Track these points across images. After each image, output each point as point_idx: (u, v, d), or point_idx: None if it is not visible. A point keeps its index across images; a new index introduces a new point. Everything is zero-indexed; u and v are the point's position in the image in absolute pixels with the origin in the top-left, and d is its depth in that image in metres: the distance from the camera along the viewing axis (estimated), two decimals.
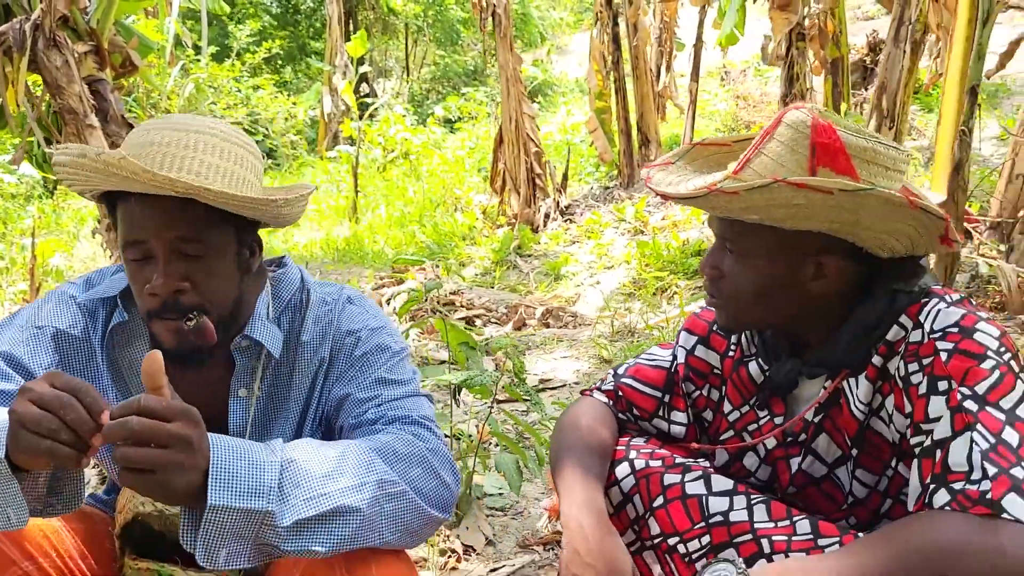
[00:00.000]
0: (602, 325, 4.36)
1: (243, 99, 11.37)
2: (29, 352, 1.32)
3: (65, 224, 7.95)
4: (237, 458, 1.04)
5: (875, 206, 1.08)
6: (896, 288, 1.16)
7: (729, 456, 1.34)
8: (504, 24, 7.31)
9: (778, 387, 1.26)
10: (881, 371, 1.16)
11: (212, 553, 1.03)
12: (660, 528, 1.24)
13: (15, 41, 3.64)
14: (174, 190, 1.17)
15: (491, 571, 1.99)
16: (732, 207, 1.13)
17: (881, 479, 1.21)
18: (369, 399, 1.32)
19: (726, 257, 1.20)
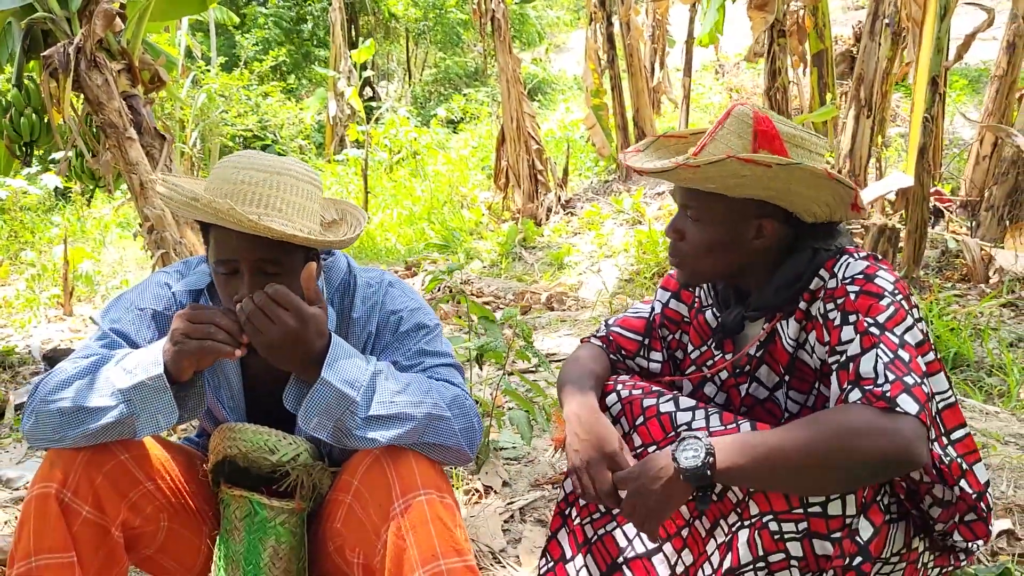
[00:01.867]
0: (602, 307, 4.73)
1: (253, 107, 11.74)
2: (135, 329, 1.65)
3: (90, 232, 8.33)
4: (346, 355, 1.48)
5: (802, 177, 1.42)
6: (817, 247, 1.51)
7: (693, 386, 1.70)
8: (503, 28, 7.66)
9: (728, 329, 1.61)
10: (806, 314, 1.50)
11: (307, 417, 1.47)
12: (641, 440, 1.57)
13: (60, 63, 4.00)
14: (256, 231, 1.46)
15: (508, 504, 2.35)
16: (695, 178, 1.47)
17: (809, 397, 1.55)
18: (414, 365, 1.66)
19: (687, 222, 1.55)
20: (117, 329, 1.65)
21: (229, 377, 1.71)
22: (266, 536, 1.64)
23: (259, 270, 1.53)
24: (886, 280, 1.43)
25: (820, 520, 1.32)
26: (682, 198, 1.55)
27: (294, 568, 1.66)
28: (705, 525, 1.47)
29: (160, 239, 4.13)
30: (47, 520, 1.47)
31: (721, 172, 1.42)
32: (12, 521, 2.53)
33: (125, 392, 1.44)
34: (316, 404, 1.44)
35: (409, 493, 1.49)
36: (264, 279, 1.53)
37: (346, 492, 1.60)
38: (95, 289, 7.09)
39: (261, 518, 1.63)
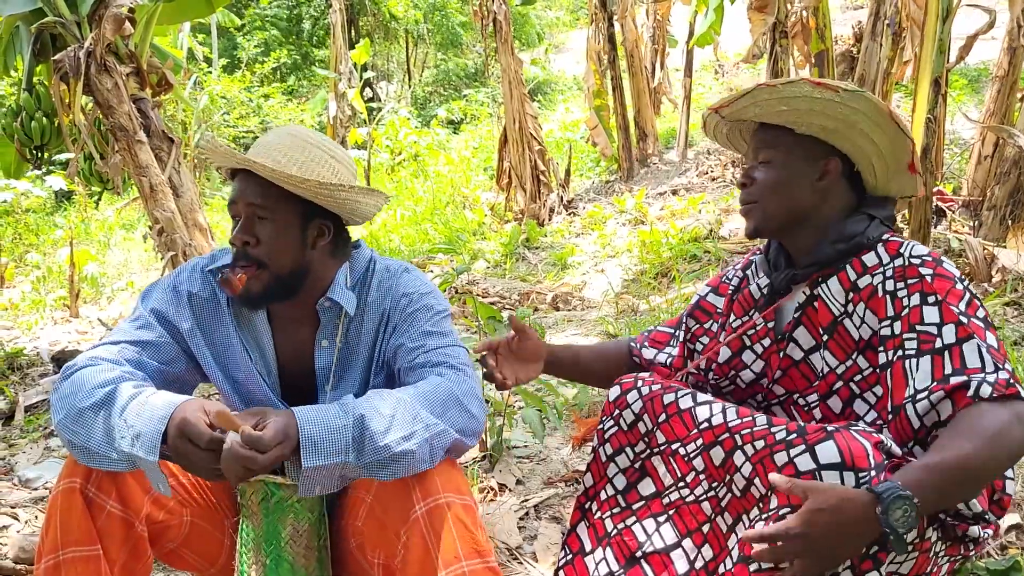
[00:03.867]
0: (608, 307, 4.76)
1: (254, 108, 11.77)
2: (174, 310, 1.73)
3: (94, 234, 8.36)
4: (321, 429, 1.43)
5: (866, 110, 1.52)
6: (871, 214, 1.60)
7: (731, 352, 1.76)
8: (505, 30, 7.69)
9: (777, 290, 1.68)
10: (853, 284, 1.57)
11: (309, 488, 1.46)
12: (665, 437, 1.61)
13: (71, 67, 4.04)
14: (235, 162, 1.63)
15: (522, 501, 2.38)
16: (771, 101, 1.58)
17: (841, 365, 1.60)
18: (418, 347, 1.70)
19: (756, 168, 1.65)
20: (156, 310, 1.72)
21: (265, 352, 1.77)
22: (284, 515, 1.66)
23: (251, 215, 1.64)
24: (951, 265, 1.52)
25: None
26: (754, 143, 1.67)
27: (315, 544, 1.68)
28: (727, 520, 1.49)
29: (170, 241, 4.17)
30: (73, 514, 1.51)
31: (794, 93, 1.54)
32: (33, 520, 2.57)
33: (126, 454, 1.45)
34: (312, 480, 1.44)
35: (430, 497, 1.51)
36: (254, 225, 1.64)
37: (367, 491, 1.63)
38: (100, 291, 7.12)
39: (277, 498, 1.66)
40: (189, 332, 1.73)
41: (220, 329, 1.76)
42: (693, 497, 1.54)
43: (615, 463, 1.68)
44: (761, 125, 1.67)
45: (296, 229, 1.68)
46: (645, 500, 1.62)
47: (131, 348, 1.66)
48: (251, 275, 1.64)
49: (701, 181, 8.19)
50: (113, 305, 6.74)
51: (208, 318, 1.75)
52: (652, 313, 4.38)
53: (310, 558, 1.67)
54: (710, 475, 1.52)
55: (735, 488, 1.45)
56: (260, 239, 1.64)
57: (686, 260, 5.59)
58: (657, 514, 1.60)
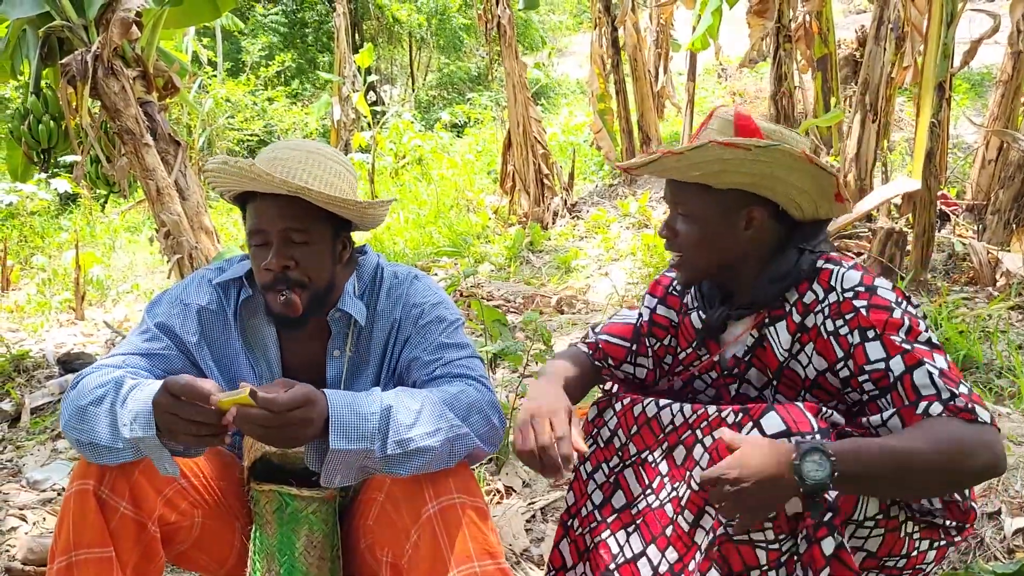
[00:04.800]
0: (613, 310, 4.77)
1: (259, 112, 11.80)
2: (180, 323, 1.73)
3: (99, 236, 8.38)
4: (349, 412, 1.45)
5: (781, 160, 1.47)
6: (802, 247, 1.56)
7: (683, 383, 1.76)
8: (509, 34, 7.71)
9: (711, 329, 1.66)
10: (800, 326, 1.54)
11: (330, 478, 1.47)
12: (636, 448, 1.63)
13: (78, 71, 4.05)
14: (287, 189, 1.58)
15: (529, 504, 2.39)
16: (680, 167, 1.52)
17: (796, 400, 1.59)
18: (435, 360, 1.71)
19: (677, 220, 1.60)
20: (162, 323, 1.72)
21: (271, 365, 1.77)
22: (298, 526, 1.68)
23: (286, 239, 1.62)
24: (886, 289, 1.49)
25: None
26: (671, 195, 1.61)
27: (328, 556, 1.70)
28: (688, 518, 1.50)
29: (176, 244, 4.18)
30: (86, 516, 1.52)
31: (704, 157, 1.48)
32: (41, 522, 2.58)
33: (128, 440, 1.47)
34: (335, 466, 1.45)
35: (442, 496, 1.52)
36: (291, 248, 1.62)
37: (379, 491, 1.64)
38: (106, 293, 7.14)
39: (292, 509, 1.68)
40: (196, 345, 1.73)
41: (227, 343, 1.76)
42: (658, 502, 1.56)
43: (593, 480, 1.70)
44: None
45: (329, 247, 1.70)
46: (617, 513, 1.64)
47: (138, 359, 1.67)
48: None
49: None
50: (118, 308, 6.76)
51: (215, 332, 1.76)
52: None
53: (323, 569, 1.68)
54: (672, 476, 1.54)
55: (693, 482, 1.47)
56: (299, 261, 1.64)
57: None
58: (627, 524, 1.62)
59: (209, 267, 1.83)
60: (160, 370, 1.68)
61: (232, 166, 1.58)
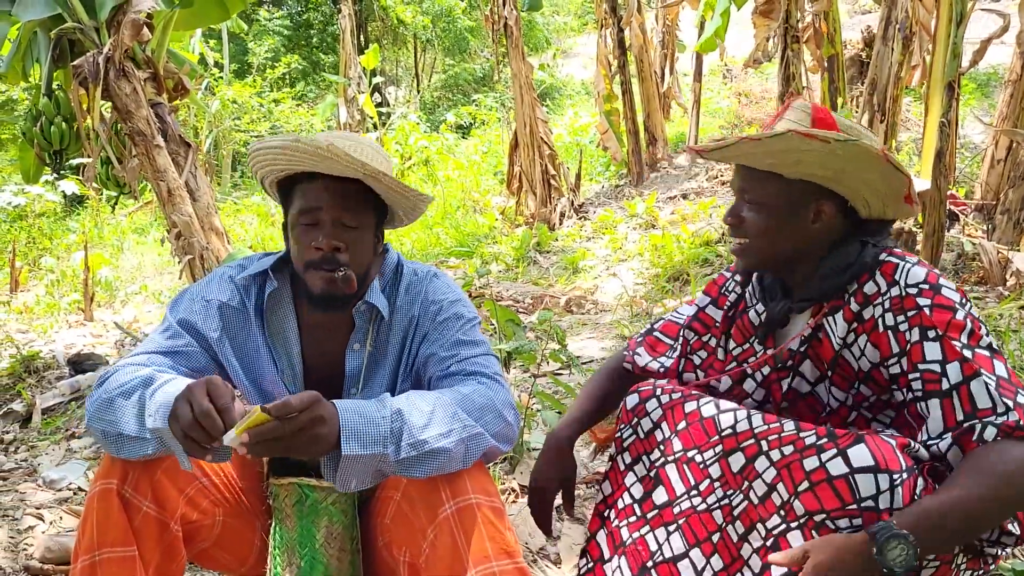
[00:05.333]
0: (622, 310, 4.77)
1: (265, 113, 11.83)
2: (202, 319, 1.74)
3: (107, 238, 8.40)
4: (359, 419, 1.44)
5: (858, 156, 1.46)
6: (865, 240, 1.55)
7: (732, 381, 1.74)
8: (515, 35, 7.72)
9: (773, 322, 1.65)
10: (857, 316, 1.53)
11: (345, 483, 1.46)
12: (682, 445, 1.60)
13: (90, 72, 4.08)
14: (363, 171, 1.60)
15: None
16: (756, 154, 1.52)
17: (848, 395, 1.60)
18: (451, 356, 1.72)
19: (744, 208, 1.60)
20: (184, 320, 1.73)
21: (292, 360, 1.78)
22: (318, 518, 1.69)
23: (339, 221, 1.64)
24: (950, 289, 1.47)
25: (873, 515, 1.34)
26: (741, 182, 1.60)
27: (348, 547, 1.70)
28: (739, 530, 1.48)
29: (188, 245, 4.20)
30: (110, 515, 1.53)
31: (782, 146, 1.47)
32: (58, 521, 2.59)
33: (153, 431, 1.47)
34: (349, 472, 1.45)
35: (459, 496, 1.52)
36: (342, 231, 1.64)
37: (396, 489, 1.64)
38: (114, 295, 7.16)
39: (312, 501, 1.68)
40: (217, 341, 1.74)
41: (248, 338, 1.77)
42: (705, 506, 1.53)
43: (633, 472, 1.68)
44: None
45: (371, 234, 1.73)
46: (658, 509, 1.61)
47: (161, 357, 1.67)
48: None
49: (711, 185, 8.20)
50: (127, 309, 6.78)
51: (237, 327, 1.77)
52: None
53: (343, 560, 1.69)
54: (725, 482, 1.51)
55: (753, 495, 1.45)
56: (347, 245, 1.66)
57: (698, 264, 5.61)
58: (668, 523, 1.59)
59: (230, 264, 1.84)
60: (184, 367, 1.69)
61: (307, 143, 1.58)
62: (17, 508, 2.67)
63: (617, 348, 3.98)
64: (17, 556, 2.38)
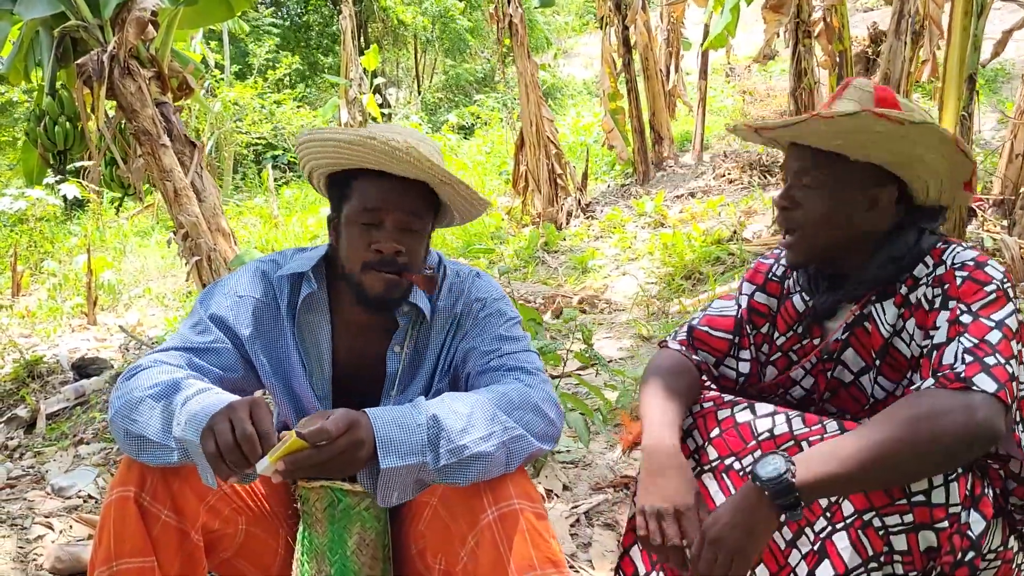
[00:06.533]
0: (638, 310, 4.70)
1: (267, 115, 11.76)
2: (233, 315, 1.67)
3: (110, 241, 8.32)
4: (395, 428, 1.38)
5: (930, 140, 1.39)
6: (922, 227, 1.48)
7: (778, 371, 1.67)
8: (521, 33, 7.65)
9: (820, 314, 1.58)
10: (905, 299, 1.47)
11: (387, 497, 1.39)
12: (717, 453, 1.51)
13: (94, 71, 3.99)
14: (440, 177, 1.55)
15: (572, 508, 2.32)
16: (824, 133, 1.44)
17: (898, 387, 1.52)
18: (492, 351, 1.66)
19: (801, 191, 1.51)
20: (215, 315, 1.66)
21: (322, 362, 1.71)
22: (351, 524, 1.62)
23: (403, 224, 1.58)
24: (996, 269, 1.41)
25: (924, 509, 1.29)
26: (798, 164, 1.53)
27: (380, 555, 1.64)
28: (786, 536, 1.41)
29: (195, 246, 4.12)
30: (127, 524, 1.46)
31: (854, 126, 1.40)
32: (68, 530, 2.51)
33: (179, 440, 1.41)
34: (390, 486, 1.38)
35: (502, 502, 1.45)
36: (405, 234, 1.58)
37: (432, 494, 1.57)
38: (118, 298, 7.08)
39: (344, 506, 1.62)
40: (249, 338, 1.67)
41: (280, 337, 1.70)
42: None
43: None
44: None
45: (428, 238, 1.68)
46: None
47: (192, 354, 1.60)
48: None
49: (718, 184, 8.14)
50: (131, 312, 6.71)
51: (268, 325, 1.70)
52: (683, 316, 4.32)
53: (375, 568, 1.61)
54: None
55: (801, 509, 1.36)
56: (407, 248, 1.60)
57: (710, 263, 5.53)
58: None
59: (263, 259, 1.78)
60: (214, 365, 1.62)
61: (382, 141, 1.50)
62: (26, 517, 2.60)
63: (635, 347, 3.91)
64: (27, 567, 2.30)
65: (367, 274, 1.60)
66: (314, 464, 1.29)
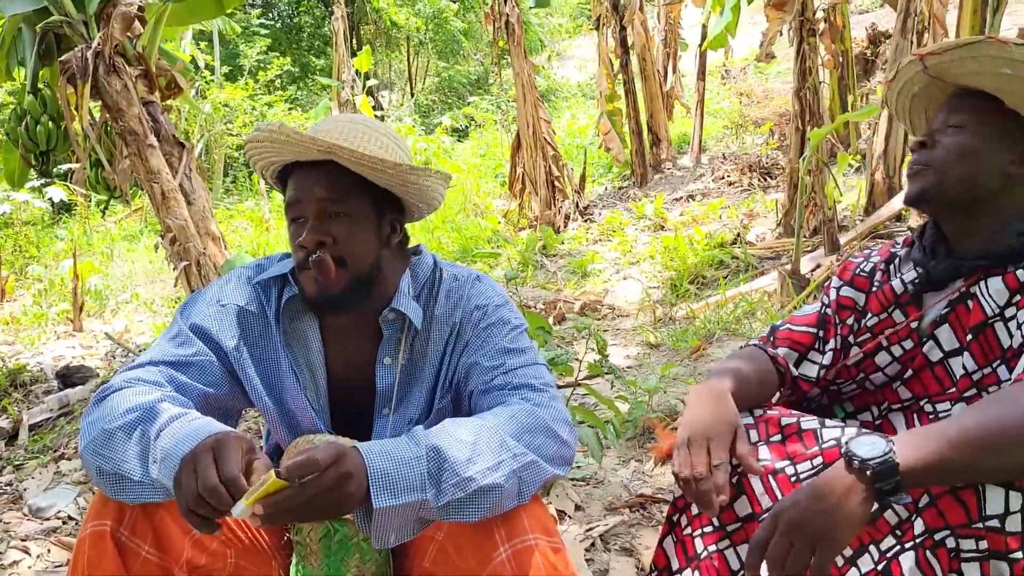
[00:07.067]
0: (643, 315, 4.55)
1: (258, 117, 11.59)
2: (217, 325, 1.52)
3: (97, 245, 8.13)
4: (388, 463, 1.21)
5: None
6: None
7: (864, 354, 1.55)
8: (517, 33, 7.52)
9: (936, 280, 1.47)
10: (1022, 285, 1.36)
11: (383, 539, 1.23)
12: (771, 455, 1.39)
13: (78, 68, 3.83)
14: (315, 147, 1.40)
15: (586, 530, 2.17)
16: (997, 58, 1.36)
17: (979, 371, 1.40)
18: (496, 367, 1.50)
19: (944, 132, 1.45)
20: (197, 325, 1.51)
21: (316, 377, 1.57)
22: (348, 555, 1.47)
23: (323, 212, 1.45)
24: None
25: (999, 537, 1.16)
26: (948, 108, 1.47)
27: None
28: (845, 552, 1.27)
29: (183, 250, 3.96)
30: (103, 561, 1.30)
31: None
32: (46, 555, 2.35)
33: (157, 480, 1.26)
34: (385, 527, 1.22)
35: (517, 538, 1.29)
36: (328, 222, 1.44)
37: (438, 529, 1.42)
38: (104, 304, 6.90)
39: (341, 536, 1.47)
40: (234, 350, 1.52)
41: (268, 348, 1.55)
42: None
43: None
44: (961, 92, 1.47)
45: (372, 224, 1.50)
46: (741, 523, 1.40)
47: (172, 369, 1.45)
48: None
49: (717, 186, 8.02)
50: (118, 318, 6.53)
51: (256, 335, 1.55)
52: (691, 321, 4.17)
53: None
54: None
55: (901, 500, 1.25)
56: (336, 237, 1.45)
57: (713, 266, 5.40)
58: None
59: (248, 265, 1.63)
60: (196, 381, 1.47)
61: (264, 130, 1.41)
62: (1, 540, 2.43)
63: (643, 355, 3.76)
64: None
65: (300, 275, 1.48)
66: (299, 504, 1.13)
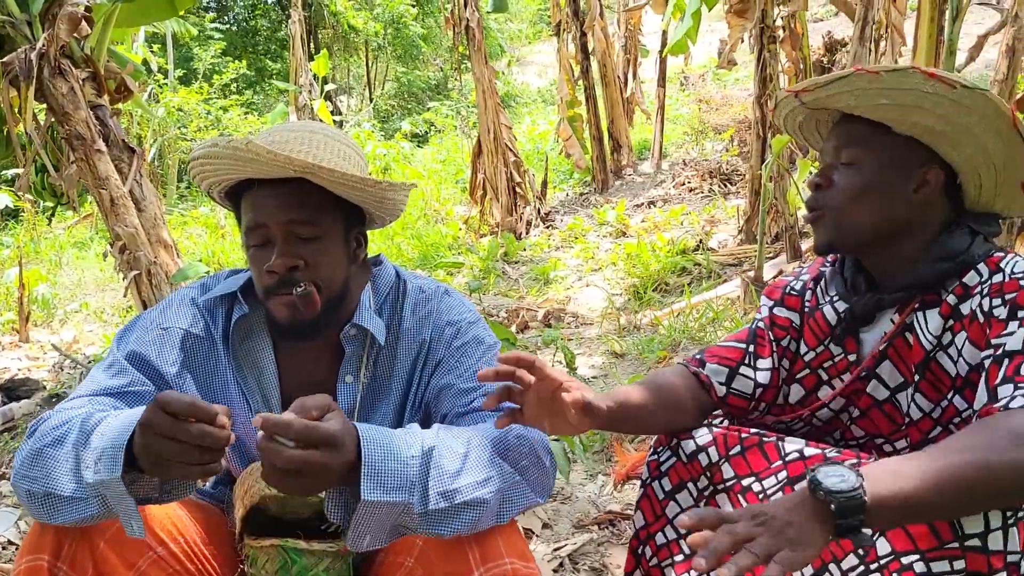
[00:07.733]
0: (607, 323, 4.51)
1: (213, 121, 11.37)
2: (156, 351, 1.42)
3: (45, 253, 7.89)
4: (384, 454, 1.15)
5: (983, 111, 1.27)
6: (976, 229, 1.33)
7: (805, 391, 1.49)
8: (478, 37, 7.45)
9: (859, 317, 1.41)
10: (954, 311, 1.31)
11: (358, 538, 1.16)
12: (735, 471, 1.34)
13: (21, 70, 3.68)
14: (293, 169, 1.30)
15: (554, 549, 2.10)
16: (870, 89, 1.30)
17: (936, 408, 1.35)
18: (473, 389, 1.42)
19: (836, 169, 1.38)
20: (135, 352, 1.41)
21: (269, 401, 1.48)
22: None
23: (292, 234, 1.35)
24: None
25: (980, 556, 1.11)
26: (836, 138, 1.39)
27: None
28: (806, 572, 1.22)
29: (133, 259, 3.82)
30: None
31: (901, 84, 1.28)
32: None
33: (94, 487, 1.16)
34: (366, 523, 1.15)
35: (492, 561, 1.23)
36: (298, 245, 1.35)
37: (408, 554, 1.34)
38: (52, 314, 6.68)
39: (300, 567, 1.38)
40: (176, 377, 1.42)
41: (215, 372, 1.47)
42: None
43: (675, 501, 1.40)
44: (847, 117, 1.39)
45: (342, 243, 1.42)
46: None
47: (106, 399, 1.35)
48: None
49: (678, 192, 8.02)
50: (66, 329, 6.32)
51: (201, 359, 1.46)
52: (655, 330, 4.13)
53: None
54: None
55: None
56: (307, 260, 1.36)
57: (675, 273, 5.38)
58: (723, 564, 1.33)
59: (191, 285, 1.54)
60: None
61: (224, 146, 1.30)
62: None
63: (609, 366, 3.71)
64: None
65: (270, 301, 1.39)
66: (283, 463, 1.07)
